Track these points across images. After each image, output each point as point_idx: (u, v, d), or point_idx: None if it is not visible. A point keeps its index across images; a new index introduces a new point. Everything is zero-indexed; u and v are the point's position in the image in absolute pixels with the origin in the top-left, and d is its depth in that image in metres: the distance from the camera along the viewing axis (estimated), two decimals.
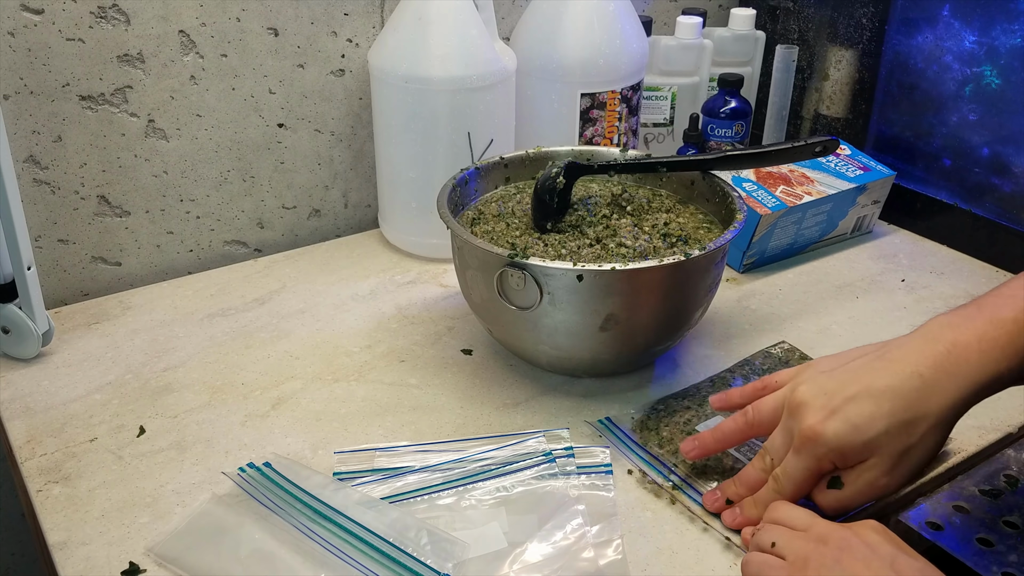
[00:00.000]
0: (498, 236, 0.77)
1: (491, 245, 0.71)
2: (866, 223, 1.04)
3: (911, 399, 0.55)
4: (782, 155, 0.80)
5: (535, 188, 0.78)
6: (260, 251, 1.03)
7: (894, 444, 0.55)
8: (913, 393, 0.55)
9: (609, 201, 0.83)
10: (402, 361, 0.81)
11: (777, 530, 0.55)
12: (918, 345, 0.56)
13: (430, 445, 0.70)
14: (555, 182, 0.78)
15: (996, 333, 0.54)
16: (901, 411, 0.55)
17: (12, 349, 0.80)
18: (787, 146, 0.79)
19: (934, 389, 0.55)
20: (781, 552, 0.54)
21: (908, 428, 0.55)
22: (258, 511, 0.62)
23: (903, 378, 0.55)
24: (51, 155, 0.87)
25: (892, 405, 0.55)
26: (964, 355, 0.55)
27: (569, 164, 0.79)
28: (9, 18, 0.81)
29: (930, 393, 0.55)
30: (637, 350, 0.75)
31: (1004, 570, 0.58)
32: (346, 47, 0.99)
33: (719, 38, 1.15)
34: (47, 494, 0.66)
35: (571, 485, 0.66)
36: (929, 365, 0.55)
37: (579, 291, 0.69)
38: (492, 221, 0.80)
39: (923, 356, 0.55)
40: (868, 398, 0.55)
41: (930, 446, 0.56)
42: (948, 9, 0.99)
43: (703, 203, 0.83)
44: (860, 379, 0.56)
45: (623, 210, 0.81)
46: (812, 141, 0.79)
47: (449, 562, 0.58)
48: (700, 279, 0.73)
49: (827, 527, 0.54)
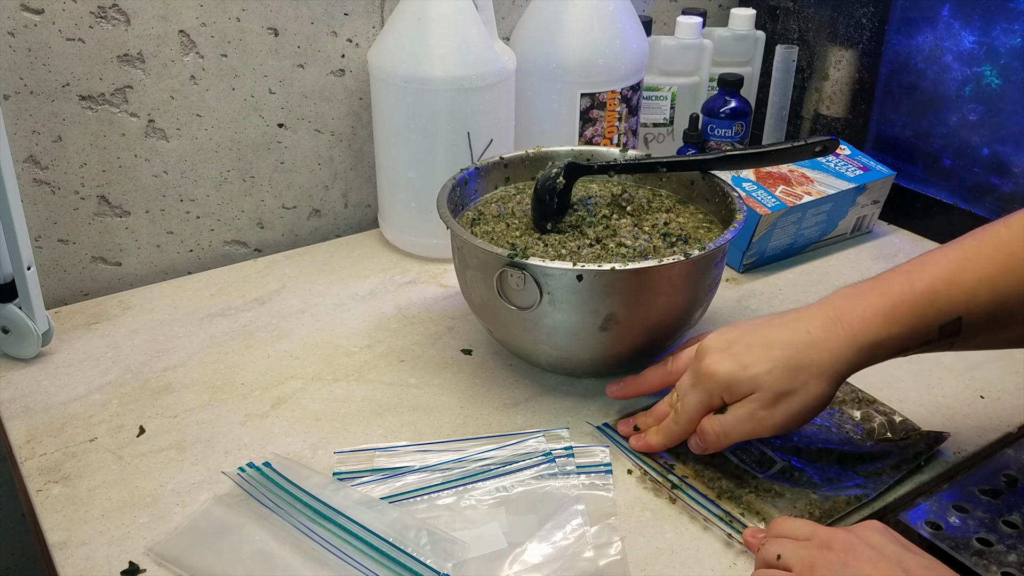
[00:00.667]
0: (498, 236, 0.77)
1: (491, 245, 0.71)
2: (866, 223, 1.04)
3: (798, 350, 0.61)
4: (782, 155, 0.80)
5: (535, 188, 0.78)
6: (260, 251, 1.03)
7: (777, 385, 0.60)
8: (801, 346, 0.61)
9: (609, 201, 0.83)
10: (402, 361, 0.81)
11: (780, 542, 0.57)
12: (814, 310, 0.63)
13: (429, 445, 0.70)
14: (555, 182, 0.78)
15: (880, 303, 0.60)
16: (787, 359, 0.61)
17: (12, 349, 0.80)
18: (787, 146, 0.80)
19: (819, 346, 0.60)
20: (787, 564, 0.55)
21: (792, 373, 0.60)
22: (258, 511, 0.62)
23: (793, 333, 0.62)
24: (51, 155, 0.87)
25: (780, 353, 0.61)
26: (849, 320, 0.61)
27: (569, 164, 0.79)
28: (9, 18, 0.81)
29: (815, 348, 0.60)
30: (637, 350, 0.75)
31: (1004, 570, 0.58)
32: (346, 47, 0.99)
33: (719, 38, 1.15)
34: (47, 494, 0.66)
35: (571, 485, 0.66)
36: (818, 326, 0.61)
37: (579, 291, 0.69)
38: (492, 221, 0.80)
39: (815, 318, 0.62)
40: (761, 346, 0.62)
41: (812, 394, 0.61)
42: (948, 9, 0.99)
43: (703, 203, 0.83)
44: (758, 332, 0.63)
45: (623, 210, 0.81)
46: (812, 141, 0.79)
47: (449, 562, 0.58)
48: (700, 279, 0.73)
49: (829, 533, 0.55)
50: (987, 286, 0.59)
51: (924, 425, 0.73)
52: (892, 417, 0.73)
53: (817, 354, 0.60)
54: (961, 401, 0.77)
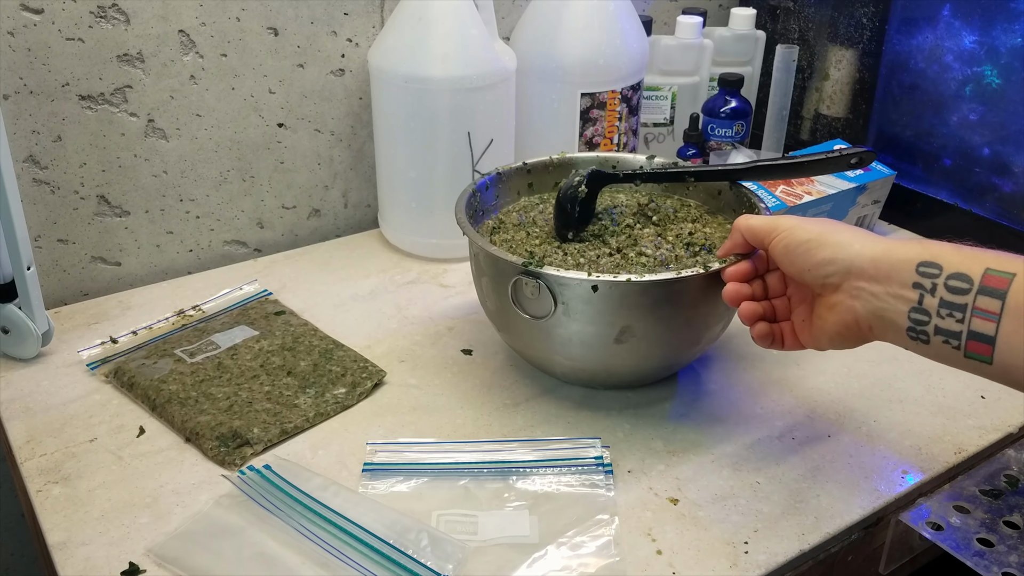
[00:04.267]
0: (517, 245, 0.76)
1: (506, 252, 0.70)
2: (866, 223, 1.04)
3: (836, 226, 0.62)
4: (815, 166, 0.76)
5: (557, 197, 0.77)
6: (260, 251, 1.03)
7: (805, 222, 0.63)
8: (841, 228, 0.62)
9: (635, 211, 0.81)
10: (402, 361, 0.81)
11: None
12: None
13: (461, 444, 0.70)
14: (577, 191, 0.76)
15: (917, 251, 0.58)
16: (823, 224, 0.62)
17: (12, 349, 0.80)
18: (821, 157, 0.76)
19: (854, 242, 0.60)
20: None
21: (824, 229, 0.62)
22: (258, 513, 0.62)
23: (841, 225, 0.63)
24: (51, 155, 0.87)
25: (820, 224, 0.62)
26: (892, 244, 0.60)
27: (592, 172, 0.77)
28: (9, 18, 0.81)
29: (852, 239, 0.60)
30: (655, 364, 0.73)
31: (1004, 570, 0.58)
32: (346, 47, 0.99)
33: (719, 38, 1.15)
34: (47, 494, 0.66)
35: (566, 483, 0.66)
36: (862, 234, 0.61)
37: (594, 302, 0.67)
38: (513, 230, 0.79)
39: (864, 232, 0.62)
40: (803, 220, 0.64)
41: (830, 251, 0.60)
42: (948, 9, 0.99)
43: (730, 214, 0.80)
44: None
45: (648, 220, 0.79)
46: (848, 152, 0.75)
47: (449, 563, 0.58)
48: (721, 292, 0.70)
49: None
50: None
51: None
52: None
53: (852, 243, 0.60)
54: (961, 401, 0.76)
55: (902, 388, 0.78)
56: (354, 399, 0.75)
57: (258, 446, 0.69)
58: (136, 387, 0.75)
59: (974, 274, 0.53)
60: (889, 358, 0.82)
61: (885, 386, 0.78)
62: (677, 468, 0.69)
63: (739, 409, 0.75)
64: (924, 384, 0.79)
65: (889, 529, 0.67)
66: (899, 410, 0.75)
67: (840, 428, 0.73)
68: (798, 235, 0.62)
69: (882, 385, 0.78)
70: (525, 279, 0.68)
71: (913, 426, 0.73)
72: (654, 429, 0.73)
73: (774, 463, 0.69)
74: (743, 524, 0.63)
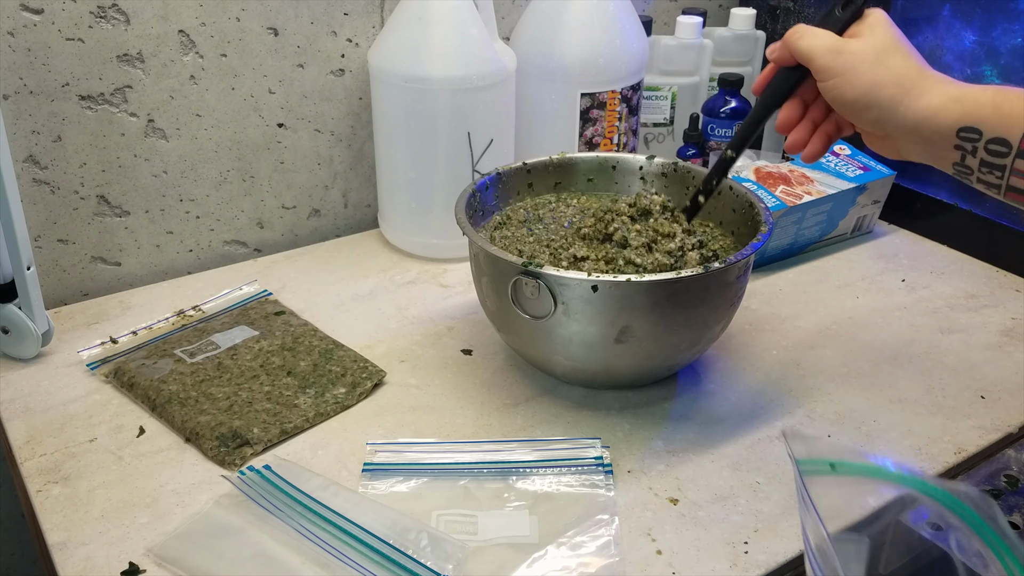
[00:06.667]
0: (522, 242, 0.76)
1: (505, 252, 0.70)
2: (866, 223, 1.04)
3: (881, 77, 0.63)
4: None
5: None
6: (260, 251, 1.03)
7: (853, 70, 0.64)
8: (886, 81, 0.63)
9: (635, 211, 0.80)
10: (402, 361, 0.81)
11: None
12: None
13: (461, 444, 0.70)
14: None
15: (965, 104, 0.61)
16: (872, 74, 0.63)
17: (12, 349, 0.80)
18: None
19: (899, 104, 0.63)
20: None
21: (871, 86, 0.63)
22: (258, 513, 0.62)
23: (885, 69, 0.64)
24: (51, 155, 0.87)
25: (869, 75, 0.64)
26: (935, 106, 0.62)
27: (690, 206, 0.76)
28: (9, 18, 0.81)
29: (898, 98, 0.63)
30: (656, 364, 0.74)
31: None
32: (346, 47, 0.99)
33: (719, 38, 1.15)
34: (47, 494, 0.66)
35: (566, 483, 0.66)
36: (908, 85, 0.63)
37: (594, 302, 0.67)
38: (515, 227, 0.79)
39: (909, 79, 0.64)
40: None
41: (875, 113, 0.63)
42: (948, 9, 0.99)
43: (729, 214, 0.80)
44: None
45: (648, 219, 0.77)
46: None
47: (449, 563, 0.58)
48: (721, 292, 0.71)
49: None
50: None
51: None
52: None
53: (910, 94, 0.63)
54: (961, 401, 0.77)
55: (902, 388, 0.78)
56: (354, 399, 0.75)
57: (258, 446, 0.69)
58: (136, 387, 0.75)
59: (1013, 138, 0.58)
60: (889, 358, 0.82)
61: (885, 386, 0.78)
62: (677, 468, 0.69)
63: (739, 409, 0.75)
64: (924, 384, 0.79)
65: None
66: (899, 410, 0.75)
67: (840, 428, 0.73)
68: (845, 94, 0.64)
69: (882, 385, 0.78)
70: (525, 279, 0.68)
71: (913, 426, 0.74)
72: (654, 429, 0.73)
73: (774, 463, 0.69)
74: (743, 524, 0.63)
